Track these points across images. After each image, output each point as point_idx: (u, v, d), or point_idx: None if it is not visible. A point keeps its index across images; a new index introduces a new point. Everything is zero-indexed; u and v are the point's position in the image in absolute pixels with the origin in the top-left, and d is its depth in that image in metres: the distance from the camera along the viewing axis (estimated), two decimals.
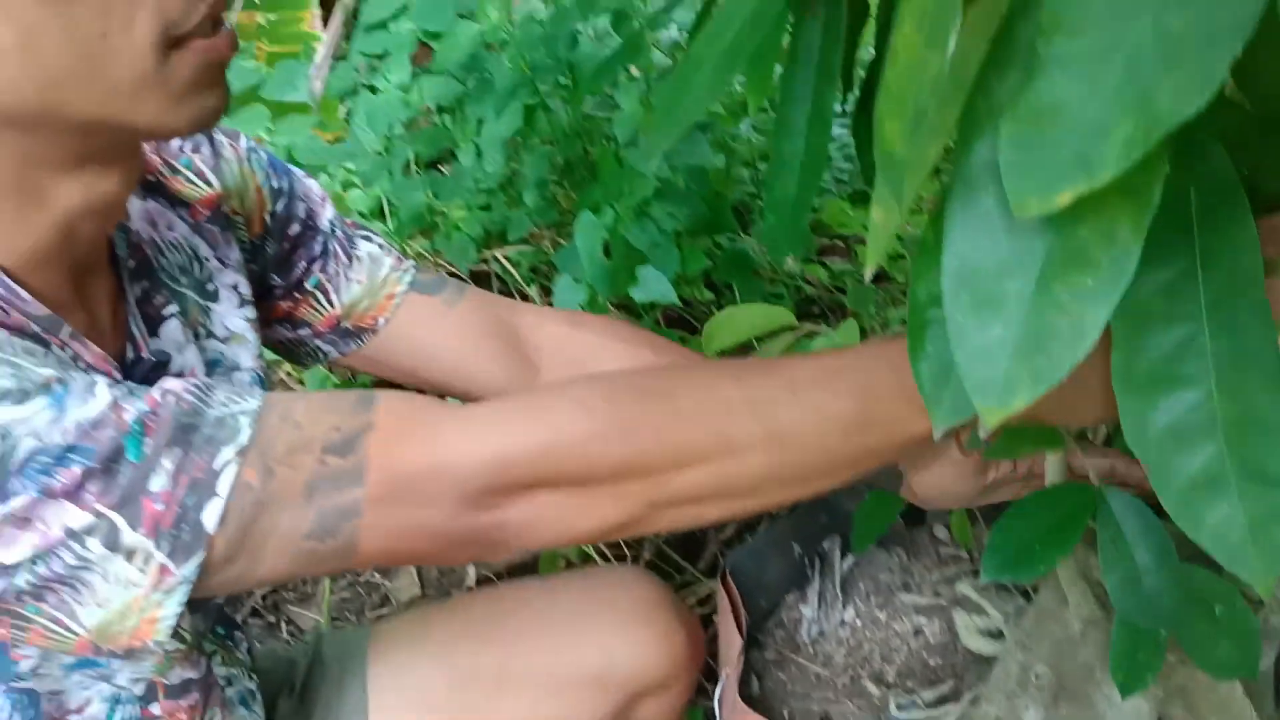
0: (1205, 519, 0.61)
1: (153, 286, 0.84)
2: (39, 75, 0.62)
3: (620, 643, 1.05)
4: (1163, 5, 0.45)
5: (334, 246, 1.00)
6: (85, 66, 0.63)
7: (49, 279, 0.73)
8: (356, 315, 1.01)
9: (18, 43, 0.61)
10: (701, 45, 0.61)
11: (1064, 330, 0.52)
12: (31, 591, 0.62)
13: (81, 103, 0.64)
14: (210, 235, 0.90)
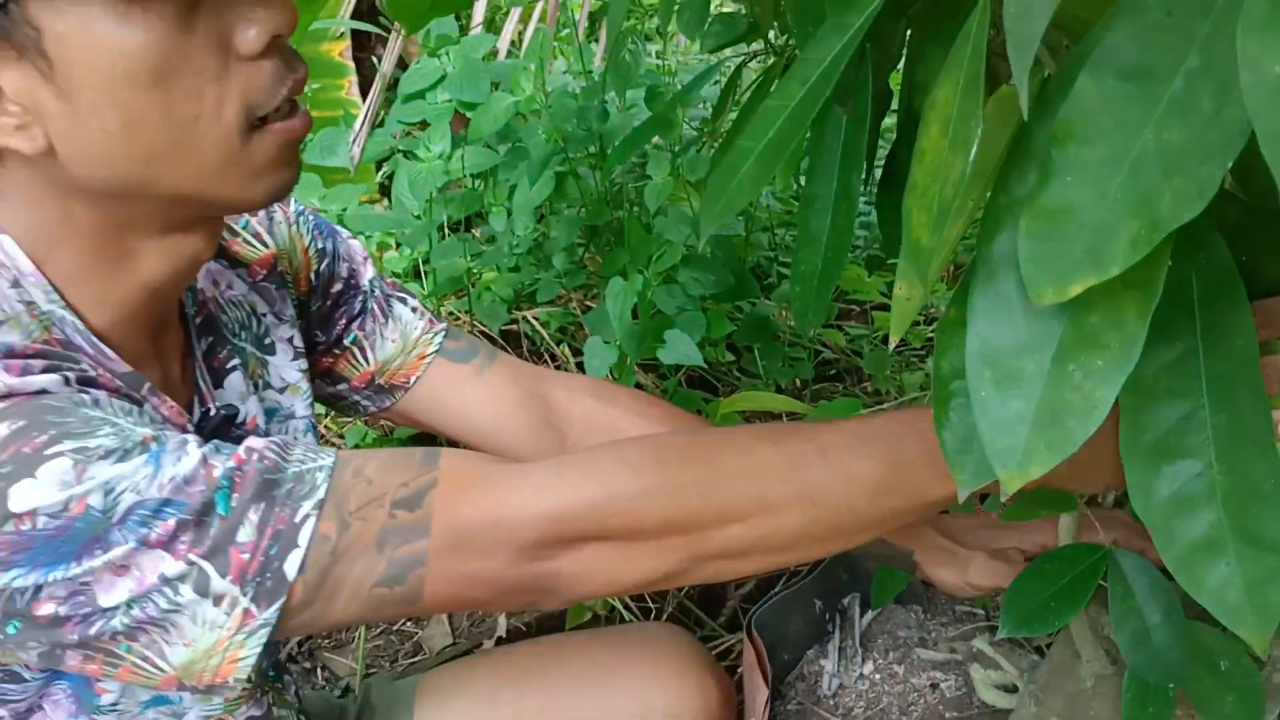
0: (1206, 580, 0.65)
1: (217, 341, 0.91)
2: (139, 153, 0.69)
3: (657, 691, 1.10)
4: (1164, 121, 0.51)
5: (372, 305, 1.07)
6: (178, 147, 0.70)
7: (130, 337, 0.79)
8: (390, 373, 1.07)
9: (122, 126, 0.68)
10: (747, 140, 0.67)
11: (1077, 405, 0.58)
12: (125, 632, 0.67)
13: (173, 178, 0.71)
14: (266, 293, 0.97)
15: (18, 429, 0.64)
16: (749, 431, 0.82)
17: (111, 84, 0.66)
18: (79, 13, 0.64)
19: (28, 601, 0.65)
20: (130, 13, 0.65)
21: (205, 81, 0.69)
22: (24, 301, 0.73)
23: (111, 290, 0.77)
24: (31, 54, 0.65)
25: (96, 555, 0.64)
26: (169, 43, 0.66)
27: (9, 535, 0.63)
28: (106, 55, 0.65)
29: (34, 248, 0.74)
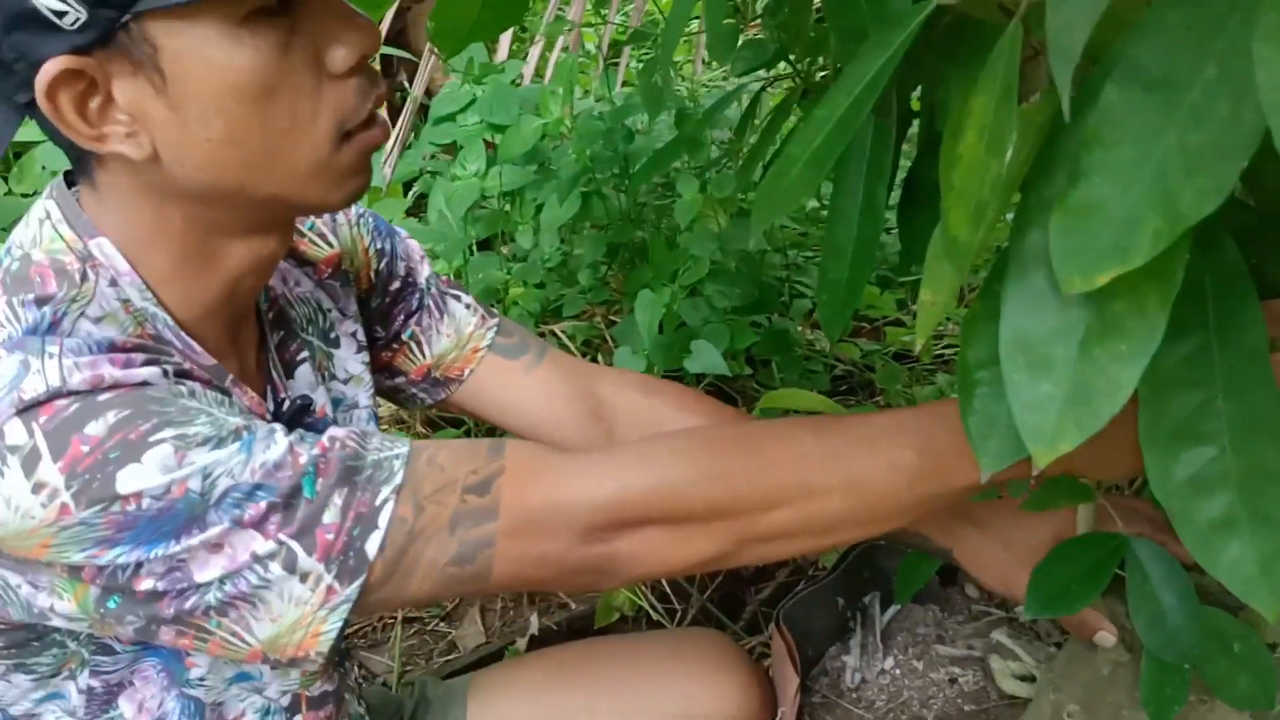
0: (1221, 557, 0.71)
1: (288, 335, 0.97)
2: (238, 161, 0.76)
3: (701, 688, 1.15)
4: (1184, 125, 0.57)
5: (429, 302, 1.12)
6: (274, 155, 0.77)
7: (213, 331, 0.86)
8: (445, 366, 1.13)
9: (226, 135, 0.75)
10: (795, 146, 0.73)
11: (1103, 387, 0.63)
12: (217, 607, 0.72)
13: (266, 183, 0.78)
14: (332, 290, 1.03)
15: (124, 418, 0.69)
16: (792, 423, 0.87)
17: (219, 98, 0.73)
18: (195, 34, 0.71)
19: (128, 577, 0.70)
20: (240, 35, 0.72)
21: (301, 97, 0.76)
22: (120, 299, 0.79)
23: (197, 288, 0.83)
24: (147, 68, 0.71)
25: (194, 534, 0.70)
26: (272, 63, 0.73)
27: (115, 515, 0.68)
28: (217, 72, 0.72)
29: (130, 249, 0.80)
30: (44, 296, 0.75)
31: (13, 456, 0.68)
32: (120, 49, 0.71)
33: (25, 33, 0.70)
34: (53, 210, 0.81)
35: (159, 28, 0.70)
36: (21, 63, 0.71)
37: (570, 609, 1.62)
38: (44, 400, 0.69)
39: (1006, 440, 0.75)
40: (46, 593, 0.73)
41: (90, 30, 0.69)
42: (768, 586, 1.68)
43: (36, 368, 0.70)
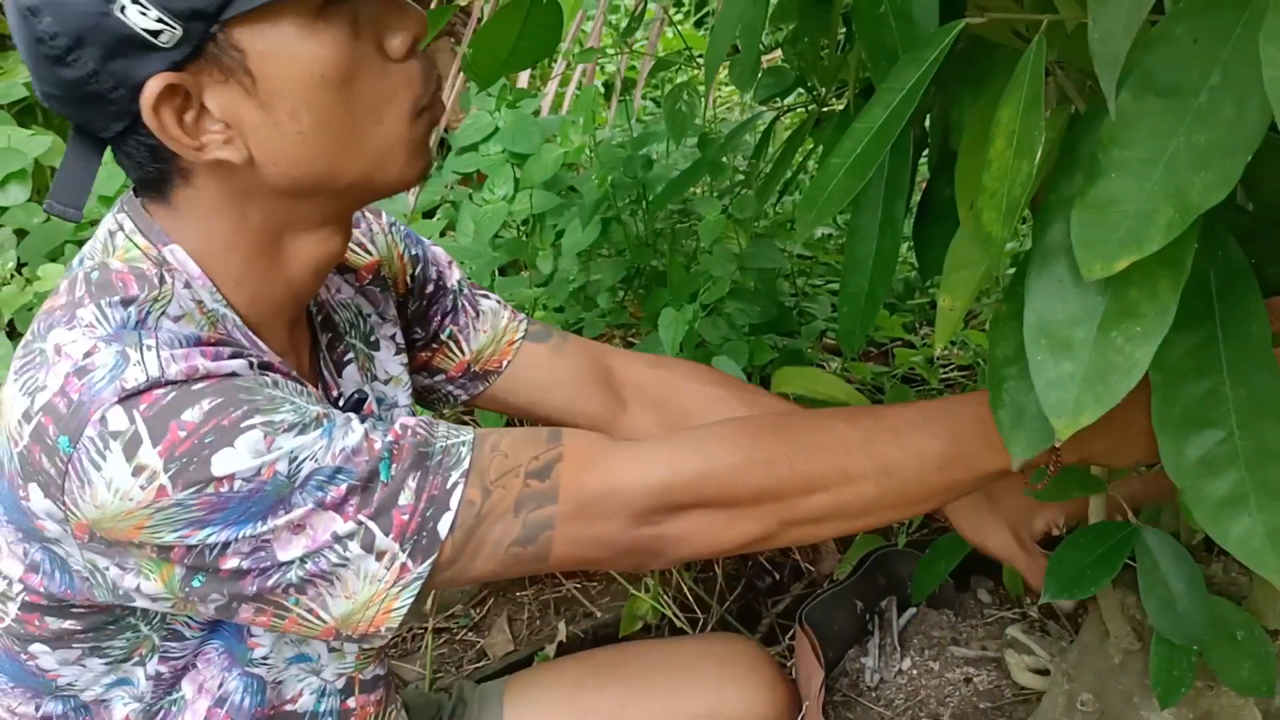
0: (1231, 531, 0.76)
1: (335, 337, 1.02)
2: (329, 148, 0.82)
3: (730, 688, 1.20)
4: (1192, 126, 0.63)
5: (463, 302, 1.19)
6: (359, 137, 0.83)
7: (276, 331, 0.91)
8: (484, 360, 1.19)
9: (315, 125, 0.80)
10: (836, 157, 0.79)
11: (1120, 365, 0.69)
12: (297, 584, 0.78)
13: (354, 165, 0.84)
14: (372, 295, 1.09)
15: (216, 405, 0.74)
16: (829, 413, 0.92)
17: (308, 89, 0.79)
18: (277, 33, 0.77)
19: (215, 556, 0.76)
20: (317, 28, 0.78)
21: (375, 78, 0.82)
22: (195, 300, 0.84)
23: (264, 288, 0.88)
24: (237, 74, 0.77)
25: (280, 515, 0.75)
26: (347, 49, 0.79)
27: (209, 497, 0.73)
28: (303, 65, 0.78)
29: (202, 254, 0.85)
30: (129, 298, 0.80)
31: (115, 442, 0.73)
32: (211, 59, 0.77)
33: (123, 59, 0.75)
34: (125, 222, 0.86)
35: (244, 33, 0.76)
36: (121, 89, 0.76)
37: (595, 617, 1.67)
38: (144, 389, 0.74)
39: (1035, 430, 0.80)
40: (134, 574, 0.78)
41: (184, 45, 0.75)
42: (784, 598, 1.73)
43: (136, 359, 0.75)
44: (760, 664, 1.25)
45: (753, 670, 1.24)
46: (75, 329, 0.77)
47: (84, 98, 0.77)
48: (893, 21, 0.83)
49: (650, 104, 2.89)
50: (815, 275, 2.35)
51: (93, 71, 0.75)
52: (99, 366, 0.74)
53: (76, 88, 0.76)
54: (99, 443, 0.73)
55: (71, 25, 0.74)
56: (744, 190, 1.70)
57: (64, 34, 0.74)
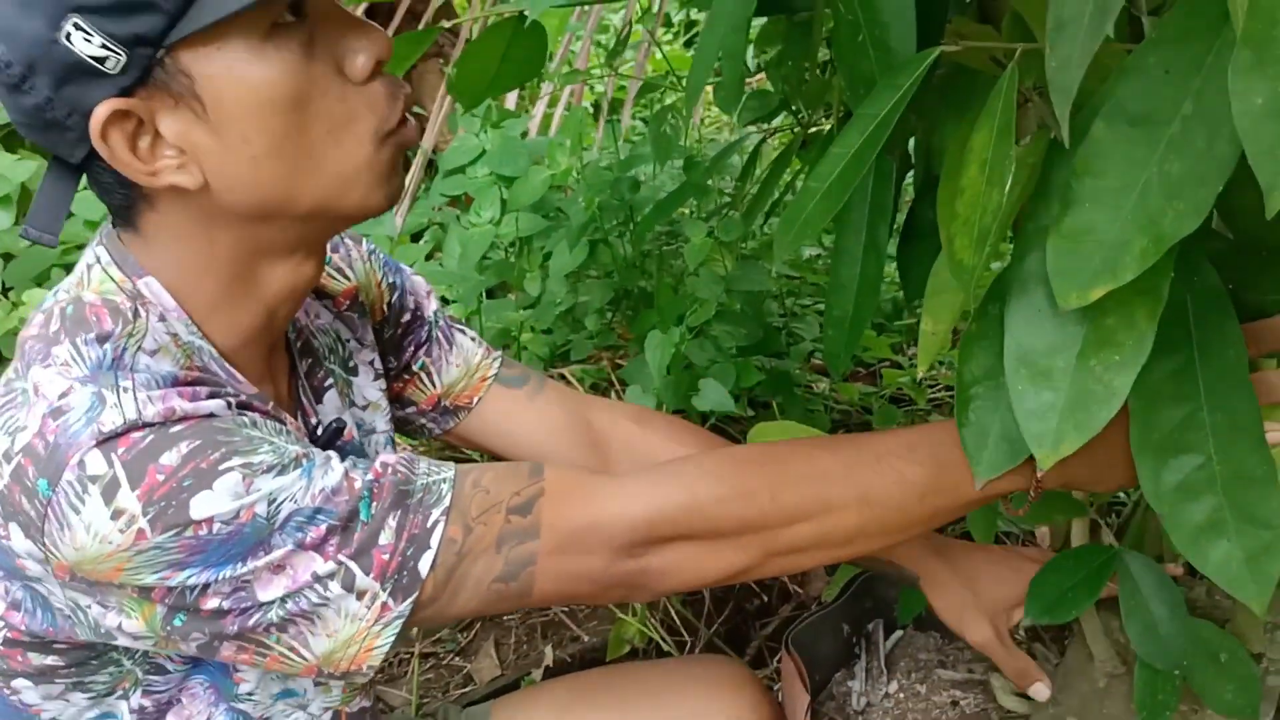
0: (1210, 555, 0.76)
1: (314, 364, 1.02)
2: (283, 172, 0.80)
3: (716, 710, 1.20)
4: (1165, 156, 0.64)
5: (437, 334, 1.18)
6: (316, 161, 0.81)
7: (252, 360, 0.91)
8: (455, 395, 1.18)
9: (268, 149, 0.79)
10: (814, 180, 0.79)
11: (1099, 394, 0.70)
12: (278, 624, 0.77)
13: (312, 191, 0.82)
14: (350, 321, 1.08)
15: (195, 447, 0.74)
16: (811, 442, 0.93)
17: (258, 113, 0.77)
18: (224, 57, 0.76)
19: (195, 597, 0.75)
20: (265, 50, 0.76)
21: (332, 101, 0.80)
22: (170, 333, 0.83)
23: (239, 316, 0.87)
24: (187, 98, 0.77)
25: (260, 556, 0.75)
26: (299, 71, 0.78)
27: (189, 539, 0.73)
28: (251, 89, 0.77)
29: (176, 285, 0.85)
30: (104, 334, 0.79)
31: (93, 486, 0.72)
32: (160, 85, 0.76)
33: (73, 85, 0.75)
34: (101, 254, 0.85)
35: (191, 57, 0.76)
36: (74, 116, 0.76)
37: (582, 641, 1.67)
38: (122, 432, 0.73)
39: (999, 450, 0.81)
40: (115, 612, 0.78)
41: (131, 70, 0.74)
42: (772, 621, 1.73)
43: (113, 401, 0.74)
44: (746, 686, 1.25)
45: (739, 692, 1.24)
46: (51, 368, 0.77)
47: (44, 124, 0.77)
48: (871, 50, 0.83)
49: (639, 124, 2.91)
50: (803, 296, 2.35)
51: (47, 99, 0.75)
52: (74, 408, 0.74)
53: (36, 115, 0.76)
54: (77, 486, 0.72)
55: (22, 53, 0.74)
56: (730, 212, 1.70)
57: (17, 62, 0.74)
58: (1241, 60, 0.50)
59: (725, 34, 0.90)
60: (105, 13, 0.72)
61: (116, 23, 0.73)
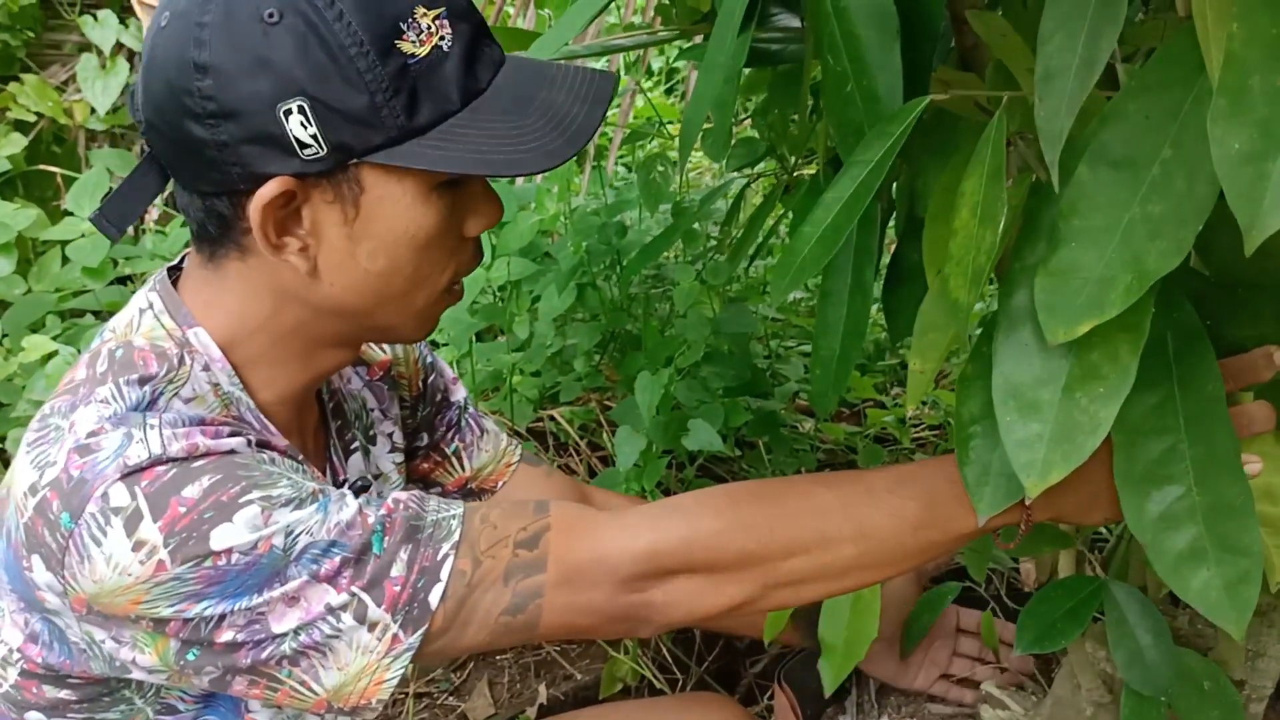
0: (1191, 583, 0.79)
1: (344, 425, 1.06)
2: (382, 291, 0.87)
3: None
4: (1146, 197, 0.67)
5: (468, 420, 1.24)
6: (408, 293, 0.88)
7: (285, 415, 0.94)
8: (482, 478, 1.24)
9: (383, 270, 0.85)
10: (808, 226, 0.83)
11: (1084, 424, 0.72)
12: (290, 656, 0.79)
13: (389, 312, 0.89)
14: (379, 391, 1.12)
15: (216, 481, 0.77)
16: (807, 478, 0.95)
17: (395, 243, 0.84)
18: (398, 189, 0.82)
19: (210, 630, 0.77)
20: (430, 198, 0.84)
21: (444, 253, 0.88)
22: (211, 383, 0.87)
23: (281, 376, 0.92)
24: (347, 203, 0.82)
25: (275, 588, 0.77)
26: (442, 224, 0.85)
27: (207, 570, 0.75)
28: (403, 223, 0.83)
29: (226, 336, 0.88)
30: (146, 376, 0.83)
31: (116, 517, 0.75)
32: (332, 181, 0.81)
33: (261, 148, 0.78)
34: (155, 301, 0.89)
35: (373, 175, 0.81)
36: (238, 169, 0.79)
37: (575, 680, 1.68)
38: (146, 466, 0.76)
39: (1000, 487, 0.83)
40: (129, 647, 0.80)
41: (320, 164, 0.79)
42: (763, 658, 1.74)
43: (139, 438, 0.77)
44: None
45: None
46: (91, 405, 0.80)
47: (194, 154, 0.80)
48: (859, 101, 0.86)
49: (623, 170, 2.95)
50: (788, 338, 2.39)
51: (224, 143, 0.78)
52: (104, 447, 0.77)
53: (194, 144, 0.79)
54: (100, 519, 0.75)
55: (232, 101, 0.77)
56: (716, 256, 1.74)
57: (219, 101, 0.77)
58: (1219, 108, 0.54)
59: (717, 85, 0.93)
60: (333, 113, 0.77)
61: (336, 125, 0.78)
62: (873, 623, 1.16)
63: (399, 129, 0.79)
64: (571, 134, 0.84)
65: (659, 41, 1.32)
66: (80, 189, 2.10)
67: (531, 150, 0.82)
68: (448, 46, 0.81)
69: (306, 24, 0.76)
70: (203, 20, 0.77)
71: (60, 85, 2.80)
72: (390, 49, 0.78)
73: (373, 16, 0.77)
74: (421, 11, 0.80)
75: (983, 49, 0.97)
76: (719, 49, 0.91)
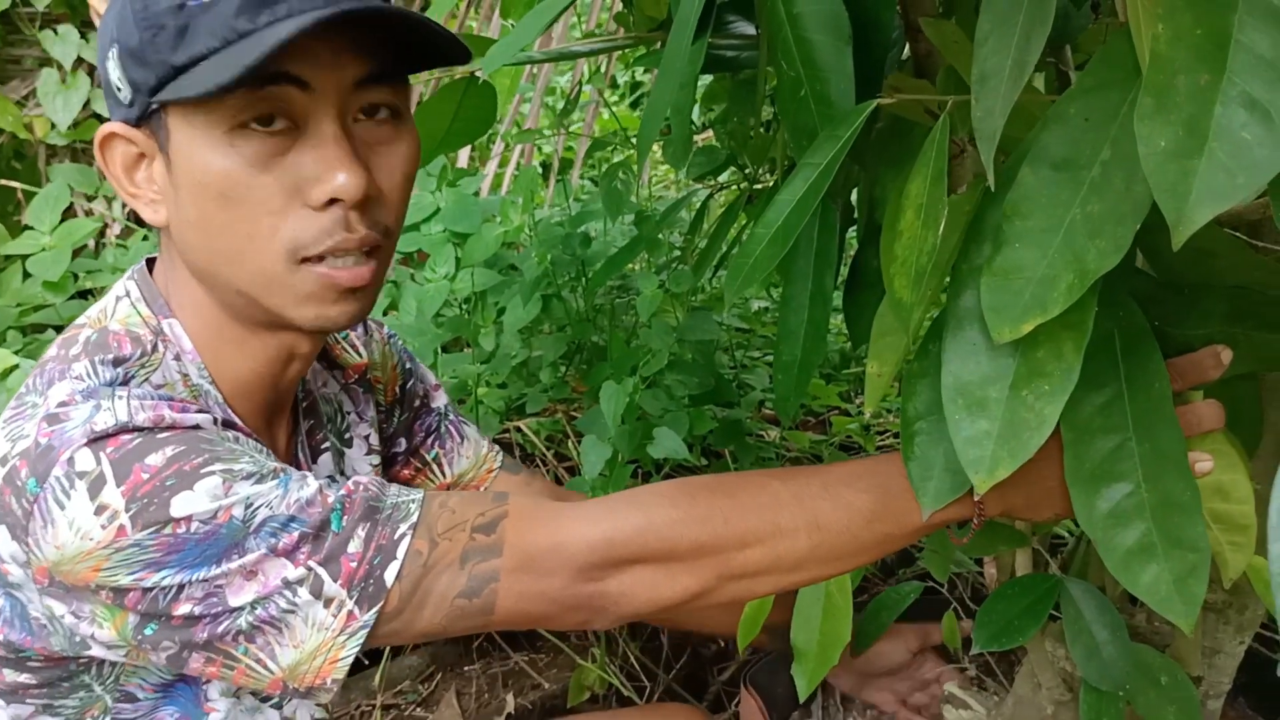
0: (1141, 578, 0.80)
1: (316, 425, 1.06)
2: (208, 248, 0.86)
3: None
4: (1086, 198, 0.68)
5: (448, 427, 1.25)
6: (235, 254, 0.85)
7: (253, 411, 0.95)
8: (463, 485, 1.25)
9: (197, 223, 0.85)
10: (760, 228, 0.84)
11: (1030, 421, 0.74)
12: (246, 632, 0.80)
13: (234, 278, 0.86)
14: (354, 394, 1.13)
15: (179, 452, 0.78)
16: (763, 472, 0.96)
17: (194, 190, 0.83)
18: (189, 130, 0.82)
19: (168, 601, 0.78)
20: (220, 141, 0.81)
21: (264, 212, 0.83)
22: (181, 373, 0.89)
23: (233, 367, 0.93)
24: (165, 150, 0.84)
25: (234, 559, 0.78)
26: (243, 173, 0.82)
27: (167, 537, 0.76)
28: (194, 167, 0.83)
29: (195, 328, 0.91)
30: (120, 358, 0.85)
31: (80, 481, 0.76)
32: (153, 130, 0.84)
33: (110, 102, 0.86)
34: (132, 290, 0.92)
35: (174, 118, 0.82)
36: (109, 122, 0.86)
37: (543, 689, 1.68)
38: (113, 433, 0.78)
39: (944, 482, 0.85)
40: (88, 621, 0.80)
41: (134, 108, 0.83)
42: (729, 666, 1.75)
43: (107, 407, 0.79)
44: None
45: None
46: (65, 380, 0.82)
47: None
48: (813, 104, 0.88)
49: (588, 183, 2.97)
50: (753, 348, 2.40)
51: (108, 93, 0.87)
52: (73, 417, 0.78)
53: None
54: (65, 482, 0.76)
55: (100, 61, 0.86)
56: (680, 265, 1.75)
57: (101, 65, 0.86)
58: (1145, 107, 0.55)
59: (673, 91, 0.94)
60: (127, 55, 0.81)
61: (129, 67, 0.82)
62: (845, 626, 1.17)
63: (163, 66, 0.80)
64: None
65: (617, 48, 1.33)
66: (41, 203, 2.09)
67: (280, 22, 0.78)
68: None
69: None
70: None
71: (20, 100, 2.78)
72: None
73: None
74: None
75: (936, 56, 0.99)
76: (675, 55, 0.92)
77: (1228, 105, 0.54)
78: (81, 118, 2.77)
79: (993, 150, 0.63)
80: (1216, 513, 0.87)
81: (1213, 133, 0.54)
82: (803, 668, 1.20)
